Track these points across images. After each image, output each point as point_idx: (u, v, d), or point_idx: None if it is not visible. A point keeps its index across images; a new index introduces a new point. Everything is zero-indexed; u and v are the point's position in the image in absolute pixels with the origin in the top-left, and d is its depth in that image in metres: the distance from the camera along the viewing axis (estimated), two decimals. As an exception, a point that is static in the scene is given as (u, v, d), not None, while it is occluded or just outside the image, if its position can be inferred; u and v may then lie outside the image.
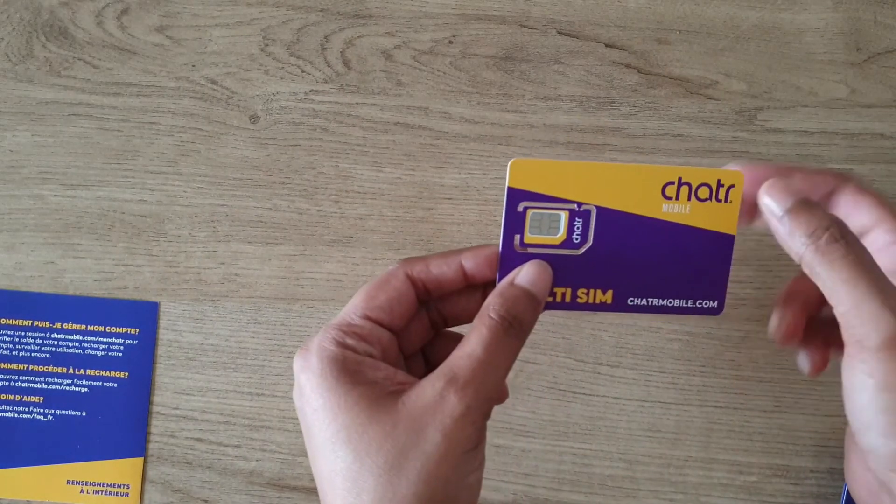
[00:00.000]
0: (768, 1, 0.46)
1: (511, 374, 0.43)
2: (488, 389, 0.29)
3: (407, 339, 0.33)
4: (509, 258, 0.33)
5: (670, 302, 0.35)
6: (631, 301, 0.35)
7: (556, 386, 0.43)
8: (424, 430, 0.28)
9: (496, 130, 0.45)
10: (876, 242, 0.30)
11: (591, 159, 0.45)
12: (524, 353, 0.43)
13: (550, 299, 0.34)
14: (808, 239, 0.28)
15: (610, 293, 0.35)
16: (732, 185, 0.33)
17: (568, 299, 0.34)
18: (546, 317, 0.44)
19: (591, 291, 0.35)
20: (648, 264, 0.34)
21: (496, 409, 0.41)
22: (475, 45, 0.46)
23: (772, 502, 0.42)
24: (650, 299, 0.35)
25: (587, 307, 0.35)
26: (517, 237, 0.33)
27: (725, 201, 0.33)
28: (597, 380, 0.43)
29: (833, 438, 0.42)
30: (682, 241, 0.34)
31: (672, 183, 0.33)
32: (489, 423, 0.38)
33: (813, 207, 0.29)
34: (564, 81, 0.46)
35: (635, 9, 0.46)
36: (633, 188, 0.33)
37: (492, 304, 0.31)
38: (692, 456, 0.43)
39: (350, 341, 0.30)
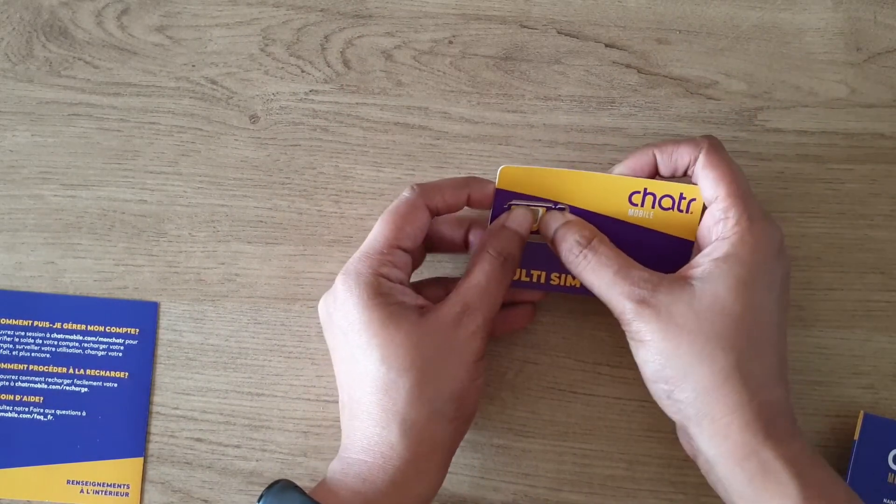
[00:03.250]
0: (768, 1, 0.46)
1: (511, 374, 0.43)
2: (491, 310, 0.36)
3: (415, 259, 0.39)
4: None
5: None
6: None
7: (556, 386, 0.43)
8: (445, 344, 0.35)
9: (496, 130, 0.45)
10: (714, 215, 0.36)
11: (581, 164, 0.45)
12: (524, 352, 0.43)
13: (527, 279, 0.40)
14: (567, 258, 0.37)
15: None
16: (693, 199, 0.38)
17: (542, 281, 0.40)
18: (546, 317, 0.44)
19: (563, 276, 0.40)
20: None
21: (495, 409, 0.43)
22: (475, 45, 0.46)
23: (772, 502, 0.42)
24: None
25: (558, 288, 0.40)
26: None
27: (686, 212, 0.38)
28: (597, 380, 0.43)
29: (833, 439, 0.42)
30: (645, 242, 0.38)
31: (638, 192, 0.38)
32: (489, 422, 0.43)
33: (567, 232, 0.37)
34: (564, 81, 0.46)
35: (635, 9, 0.46)
36: (604, 194, 0.38)
37: (489, 244, 0.37)
38: (692, 456, 0.43)
39: (384, 269, 0.36)
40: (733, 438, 0.33)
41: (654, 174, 0.39)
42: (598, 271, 0.36)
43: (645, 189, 0.38)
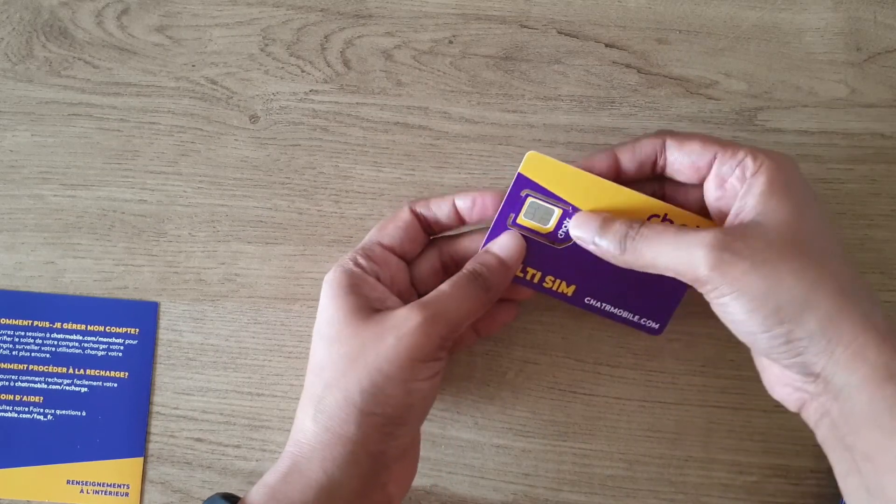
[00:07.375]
0: (768, 1, 0.46)
1: (511, 374, 0.43)
2: (447, 316, 0.35)
3: (418, 273, 0.40)
4: (499, 230, 0.38)
5: (619, 312, 0.40)
6: (587, 300, 0.40)
7: (556, 386, 0.43)
8: (384, 336, 0.34)
9: (496, 130, 0.45)
10: (722, 172, 0.35)
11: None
12: (524, 352, 0.43)
13: (521, 275, 0.40)
14: (619, 249, 0.35)
15: (573, 288, 0.39)
16: None
17: (536, 280, 0.39)
18: (546, 317, 0.44)
19: (558, 281, 0.39)
20: (613, 276, 0.38)
21: (495, 409, 0.43)
22: (475, 45, 0.46)
23: (772, 502, 0.42)
24: (604, 304, 0.39)
25: (549, 292, 0.40)
26: (512, 216, 0.38)
27: None
28: (597, 380, 0.43)
29: (833, 438, 0.42)
30: None
31: (657, 216, 0.37)
32: (489, 422, 0.43)
33: (610, 225, 0.36)
34: (564, 81, 0.46)
35: (635, 9, 0.46)
36: (622, 208, 0.37)
37: (468, 263, 0.37)
38: (692, 456, 0.43)
39: (361, 260, 0.37)
40: (871, 360, 0.31)
41: (618, 172, 0.38)
42: (656, 239, 0.34)
43: (665, 214, 0.37)
